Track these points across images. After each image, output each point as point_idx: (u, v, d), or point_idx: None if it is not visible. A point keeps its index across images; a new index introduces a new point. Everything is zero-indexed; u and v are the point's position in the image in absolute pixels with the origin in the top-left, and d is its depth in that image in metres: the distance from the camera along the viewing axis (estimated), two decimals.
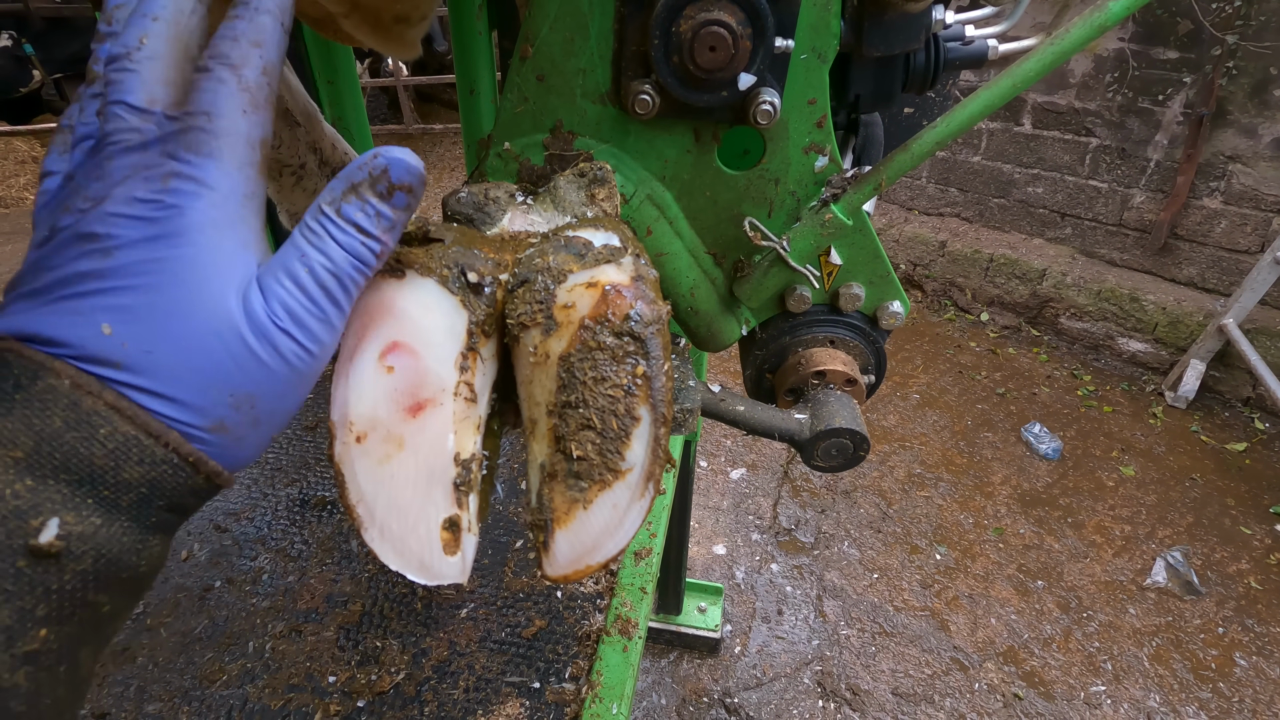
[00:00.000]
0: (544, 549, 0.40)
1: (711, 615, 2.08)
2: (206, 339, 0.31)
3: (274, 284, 0.33)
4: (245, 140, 0.33)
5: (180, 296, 0.30)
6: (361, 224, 0.34)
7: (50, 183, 0.34)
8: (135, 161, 0.31)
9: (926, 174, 4.01)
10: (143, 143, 0.31)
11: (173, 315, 0.30)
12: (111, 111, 0.32)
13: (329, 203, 0.34)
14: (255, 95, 0.34)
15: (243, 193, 0.33)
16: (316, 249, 0.34)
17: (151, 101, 0.32)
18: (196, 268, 0.31)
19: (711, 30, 0.44)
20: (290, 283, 0.33)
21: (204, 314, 0.31)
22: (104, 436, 0.28)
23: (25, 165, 5.65)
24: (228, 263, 0.32)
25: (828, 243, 0.55)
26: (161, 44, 0.33)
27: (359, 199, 0.34)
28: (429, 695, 0.80)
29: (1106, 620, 2.18)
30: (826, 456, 0.58)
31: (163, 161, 0.31)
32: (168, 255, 0.30)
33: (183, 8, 0.34)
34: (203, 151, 0.32)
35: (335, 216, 0.34)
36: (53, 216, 0.32)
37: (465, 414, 0.40)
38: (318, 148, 0.82)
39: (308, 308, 0.33)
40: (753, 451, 2.85)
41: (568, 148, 0.52)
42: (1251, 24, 2.78)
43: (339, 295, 0.34)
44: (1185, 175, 3.06)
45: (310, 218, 0.34)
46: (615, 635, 0.87)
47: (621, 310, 0.38)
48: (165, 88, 0.33)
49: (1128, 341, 3.38)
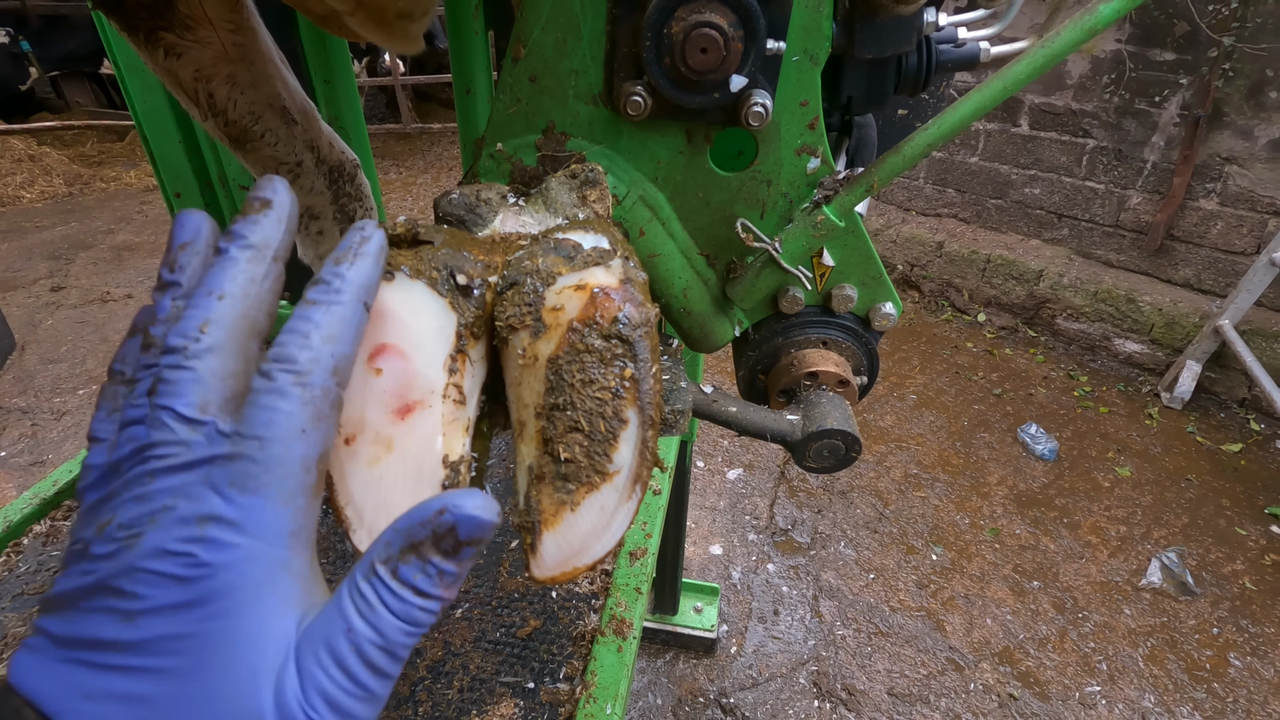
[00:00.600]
0: (531, 551, 0.40)
1: (707, 615, 2.08)
2: None
3: (314, 668, 0.28)
4: (300, 464, 0.29)
5: (204, 688, 0.26)
6: (421, 587, 0.29)
7: (96, 456, 0.30)
8: (177, 486, 0.27)
9: (924, 175, 4.01)
10: (188, 463, 0.28)
11: (192, 709, 0.26)
12: (159, 418, 0.28)
13: (384, 561, 0.29)
14: (320, 406, 0.30)
15: (289, 530, 0.29)
16: (367, 622, 0.29)
17: (204, 408, 0.28)
18: (226, 649, 0.27)
19: (703, 32, 0.44)
20: (335, 666, 0.28)
21: (229, 709, 0.27)
22: None
23: (21, 164, 5.63)
24: (265, 636, 0.28)
25: (820, 244, 0.55)
26: (223, 332, 0.29)
27: (420, 559, 0.29)
28: (423, 695, 0.80)
29: (1102, 620, 2.19)
30: (818, 457, 0.59)
31: (203, 495, 0.27)
32: (195, 631, 0.27)
33: (254, 276, 0.30)
34: (248, 488, 0.28)
35: (391, 580, 0.29)
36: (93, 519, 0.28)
37: (454, 416, 0.40)
38: (315, 146, 0.82)
39: (350, 691, 0.28)
40: (749, 452, 2.86)
41: (560, 149, 0.52)
42: (1248, 26, 2.78)
43: (387, 668, 0.29)
44: (1182, 177, 3.07)
45: (362, 577, 0.29)
46: (610, 635, 0.87)
47: (609, 313, 0.38)
48: (223, 383, 0.29)
49: (1124, 342, 3.39)
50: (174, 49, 0.63)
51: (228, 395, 0.29)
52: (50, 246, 4.66)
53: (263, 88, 0.72)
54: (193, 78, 0.67)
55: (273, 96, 0.74)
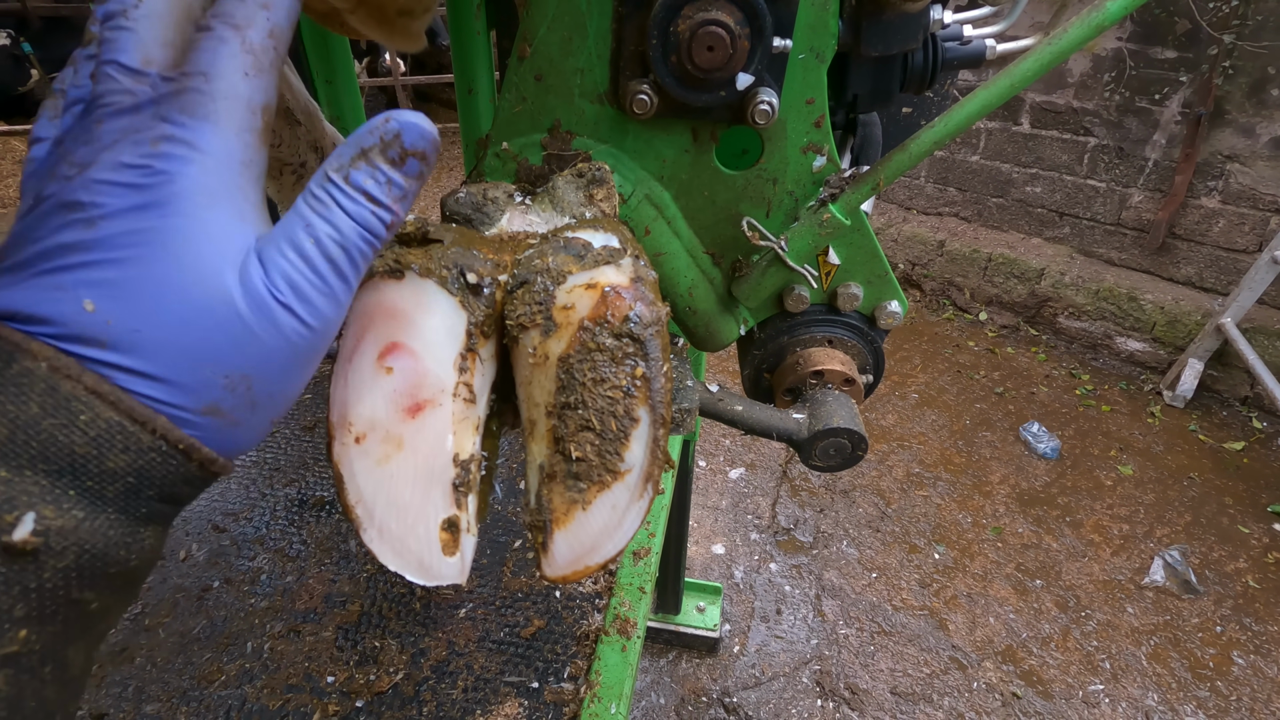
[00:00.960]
0: (543, 550, 0.40)
1: (710, 615, 2.08)
2: (198, 314, 0.28)
3: (275, 255, 0.30)
4: (246, 104, 0.31)
5: (169, 269, 0.28)
6: (372, 192, 0.32)
7: (39, 150, 0.32)
8: (126, 125, 0.29)
9: (925, 173, 4.01)
10: (135, 105, 0.29)
11: (161, 290, 0.28)
12: (104, 72, 0.30)
13: (336, 169, 0.32)
14: (260, 58, 0.31)
15: (240, 159, 0.31)
16: (323, 218, 0.31)
17: (147, 62, 0.30)
18: (187, 238, 0.28)
19: (709, 30, 0.44)
20: (294, 254, 0.30)
21: (195, 288, 0.28)
22: (85, 423, 0.26)
23: (23, 165, 5.63)
24: (222, 233, 0.29)
25: (826, 242, 0.55)
26: (162, 3, 0.31)
27: (369, 165, 0.32)
28: (427, 695, 0.80)
29: (1105, 619, 2.19)
30: (824, 456, 0.59)
31: (155, 124, 0.29)
32: (156, 225, 0.28)
33: None
34: (198, 114, 0.29)
35: (343, 184, 0.31)
36: (39, 184, 0.30)
37: (464, 415, 0.40)
38: (319, 146, 0.82)
39: (312, 281, 0.30)
40: (751, 451, 2.86)
41: (566, 147, 0.52)
42: (1249, 24, 2.78)
43: (346, 268, 0.32)
44: (1183, 175, 3.06)
45: (316, 185, 0.32)
46: (614, 635, 0.87)
47: (621, 312, 0.38)
48: (163, 48, 0.31)
49: (1126, 341, 3.38)
50: None
51: (170, 58, 0.31)
52: None
53: None
54: None
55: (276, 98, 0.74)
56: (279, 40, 0.33)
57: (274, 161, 0.78)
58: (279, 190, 0.83)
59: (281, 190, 0.83)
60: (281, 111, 0.75)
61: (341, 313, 0.33)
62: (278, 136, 0.76)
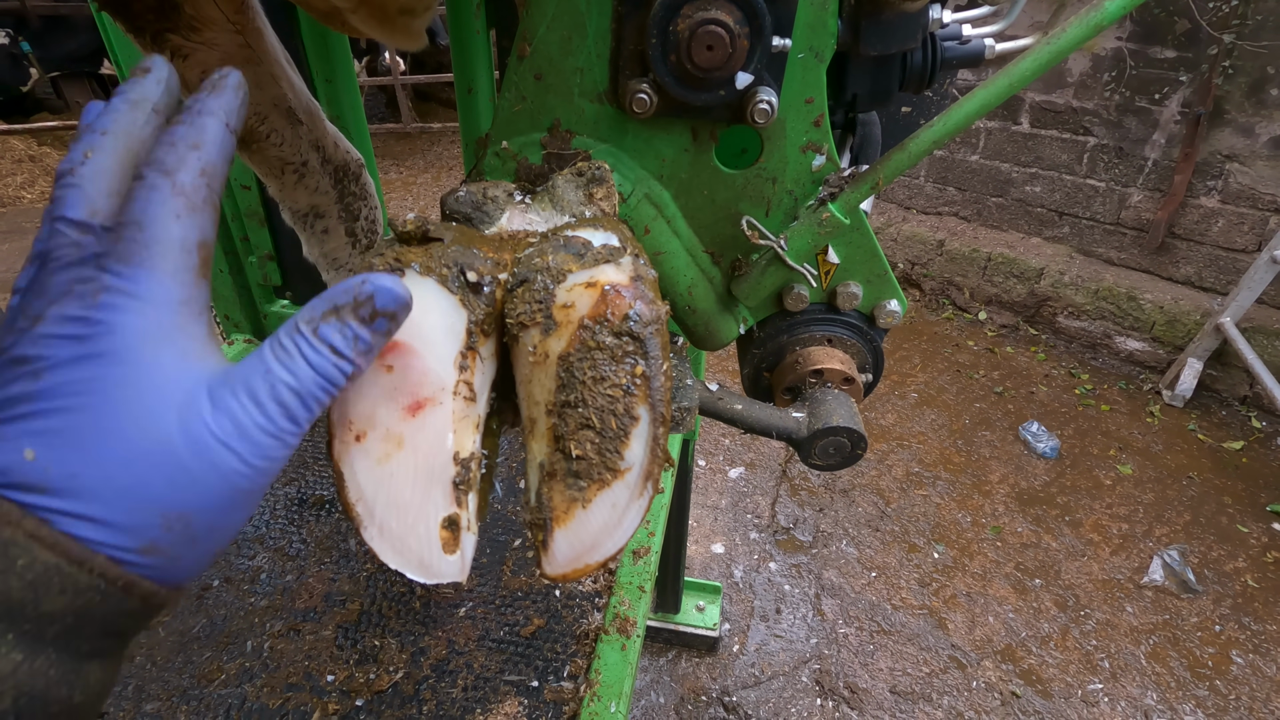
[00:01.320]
0: (543, 548, 0.40)
1: (710, 614, 2.08)
2: (135, 457, 0.29)
3: (227, 396, 0.31)
4: (179, 246, 0.32)
5: (109, 417, 0.29)
6: (338, 346, 0.33)
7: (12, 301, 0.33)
8: (73, 276, 0.30)
9: (924, 173, 4.01)
10: (80, 258, 0.31)
11: (100, 436, 0.29)
12: (54, 228, 0.31)
13: (306, 322, 0.33)
14: (191, 198, 0.33)
15: (178, 299, 0.32)
16: (284, 367, 0.32)
17: (93, 213, 0.31)
18: (126, 385, 0.30)
19: (709, 29, 0.44)
20: (246, 396, 0.31)
21: (133, 431, 0.30)
22: (22, 568, 0.27)
23: (22, 164, 5.63)
24: (163, 376, 0.31)
25: (825, 241, 0.55)
26: (107, 158, 0.33)
27: (339, 321, 0.33)
28: (427, 694, 0.80)
29: (1104, 618, 2.19)
30: (824, 455, 0.59)
31: (97, 275, 0.31)
32: (98, 374, 0.29)
33: (135, 120, 0.34)
34: (133, 262, 0.31)
35: (311, 336, 0.33)
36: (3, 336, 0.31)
37: (464, 413, 0.40)
38: (320, 145, 0.82)
39: (259, 423, 0.31)
40: (751, 450, 2.86)
41: (565, 147, 0.52)
42: (1248, 23, 2.78)
43: (298, 412, 0.32)
44: (1183, 174, 3.06)
45: (284, 333, 0.33)
46: (614, 634, 0.87)
47: (621, 310, 0.38)
48: (109, 198, 0.32)
49: (1125, 340, 3.38)
50: (180, 51, 0.63)
51: (114, 208, 0.32)
52: None
53: (268, 88, 0.72)
54: (199, 79, 0.66)
55: (278, 97, 0.74)
56: (212, 176, 0.34)
57: (275, 161, 0.78)
58: (280, 189, 0.83)
59: (283, 189, 0.83)
60: (283, 111, 0.75)
61: (288, 452, 0.33)
62: (279, 135, 0.76)
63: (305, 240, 0.91)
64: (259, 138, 0.74)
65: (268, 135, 0.75)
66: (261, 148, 0.76)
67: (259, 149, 0.76)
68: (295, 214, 0.87)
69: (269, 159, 0.77)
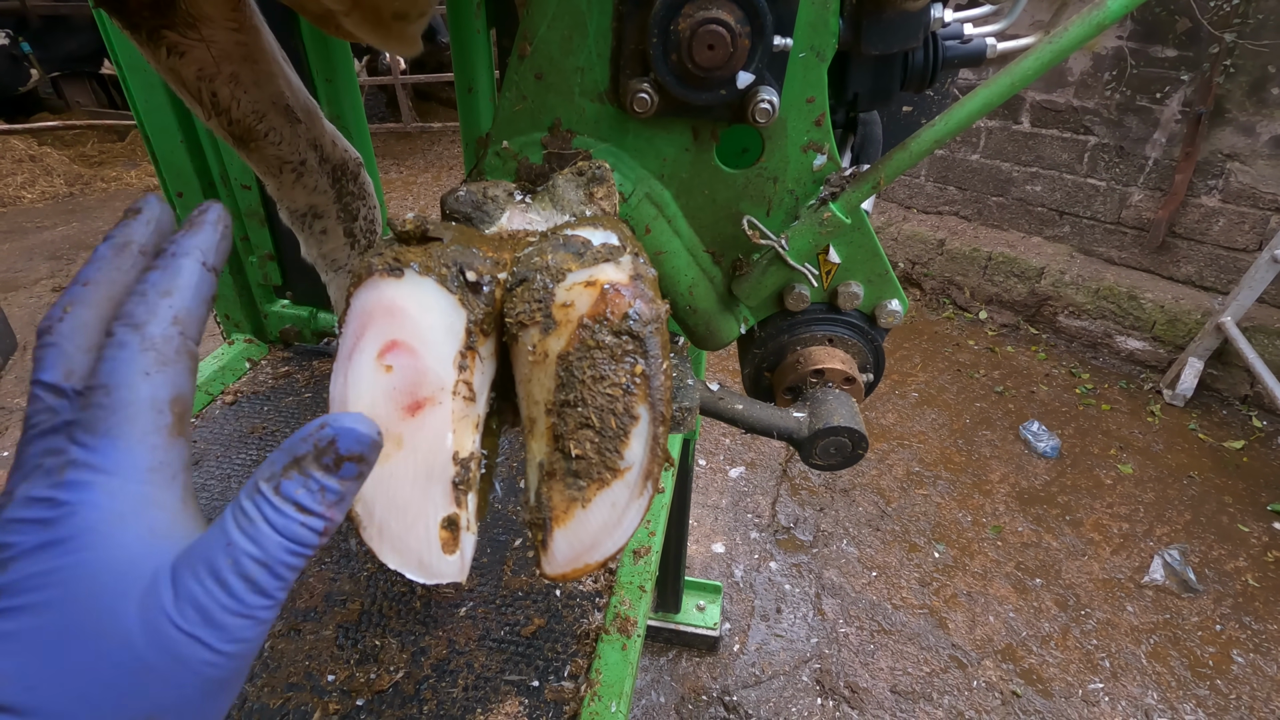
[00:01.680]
0: (543, 547, 0.40)
1: (710, 613, 2.08)
2: (95, 661, 0.27)
3: (189, 579, 0.29)
4: (149, 406, 0.31)
5: (69, 614, 0.27)
6: (303, 502, 0.30)
7: None
8: (45, 447, 0.29)
9: (925, 172, 4.01)
10: (54, 425, 0.30)
11: (60, 639, 0.27)
12: (33, 393, 0.30)
13: (267, 479, 0.30)
14: (162, 351, 0.31)
15: (146, 466, 0.30)
16: (247, 536, 0.29)
17: (69, 374, 0.30)
18: (88, 578, 0.28)
19: (710, 28, 0.44)
20: (209, 577, 0.29)
21: (94, 632, 0.27)
22: None
23: (22, 164, 5.63)
24: (126, 564, 0.28)
25: (826, 241, 0.55)
26: (86, 311, 0.32)
27: (301, 474, 0.30)
28: (428, 694, 0.80)
29: (1104, 618, 2.19)
30: (825, 455, 0.59)
31: (65, 446, 0.29)
32: (59, 565, 0.28)
33: (120, 266, 0.33)
34: (99, 431, 0.29)
35: (273, 495, 0.30)
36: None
37: (464, 413, 0.40)
38: (318, 144, 0.82)
39: (225, 604, 0.29)
40: (751, 450, 2.86)
41: (566, 146, 0.52)
42: (1249, 22, 2.78)
43: (268, 585, 0.30)
44: (1183, 173, 3.06)
45: (245, 496, 0.30)
46: (614, 633, 0.87)
47: (620, 309, 0.38)
48: (86, 354, 0.31)
49: (1126, 339, 3.38)
50: (177, 48, 0.63)
51: (91, 365, 0.31)
52: (51, 247, 4.66)
53: (266, 86, 0.72)
54: (196, 76, 0.66)
55: (276, 95, 0.74)
56: (186, 324, 0.33)
57: (273, 159, 0.78)
58: (279, 188, 0.83)
59: (281, 188, 0.83)
60: (281, 109, 0.75)
61: (263, 630, 0.31)
62: (277, 134, 0.76)
63: (303, 240, 0.91)
64: (257, 136, 0.74)
65: (266, 134, 0.75)
66: (259, 146, 0.76)
67: (257, 148, 0.76)
68: (293, 214, 0.87)
69: (267, 157, 0.77)
